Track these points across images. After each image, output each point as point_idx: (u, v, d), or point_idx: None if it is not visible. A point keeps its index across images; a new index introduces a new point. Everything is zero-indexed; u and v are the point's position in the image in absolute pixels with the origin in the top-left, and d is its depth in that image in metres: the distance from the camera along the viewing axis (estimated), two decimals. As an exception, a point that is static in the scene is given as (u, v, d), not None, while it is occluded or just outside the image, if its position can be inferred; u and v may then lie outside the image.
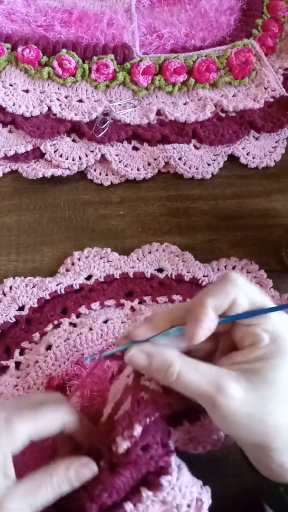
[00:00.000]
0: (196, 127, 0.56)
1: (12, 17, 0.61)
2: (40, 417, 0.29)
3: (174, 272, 0.48)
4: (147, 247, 0.50)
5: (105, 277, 0.48)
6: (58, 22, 0.60)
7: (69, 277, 0.48)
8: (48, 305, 0.46)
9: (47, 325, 0.45)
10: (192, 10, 0.64)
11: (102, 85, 0.58)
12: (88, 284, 0.48)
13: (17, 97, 0.57)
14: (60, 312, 0.46)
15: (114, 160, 0.55)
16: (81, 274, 0.48)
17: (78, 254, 0.49)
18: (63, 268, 0.49)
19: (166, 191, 0.55)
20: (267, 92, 0.60)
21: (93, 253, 0.49)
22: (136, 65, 0.58)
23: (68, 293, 0.47)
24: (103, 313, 0.46)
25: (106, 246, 0.50)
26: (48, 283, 0.47)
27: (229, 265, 0.50)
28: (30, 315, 0.46)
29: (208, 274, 0.48)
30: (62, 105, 0.57)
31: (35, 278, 0.48)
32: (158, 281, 0.48)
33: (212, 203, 0.54)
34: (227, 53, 0.60)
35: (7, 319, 0.45)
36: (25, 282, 0.47)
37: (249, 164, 0.56)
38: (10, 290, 0.47)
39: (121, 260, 0.49)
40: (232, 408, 0.25)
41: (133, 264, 0.49)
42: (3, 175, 0.54)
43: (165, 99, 0.59)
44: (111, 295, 0.47)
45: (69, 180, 0.55)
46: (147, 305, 0.46)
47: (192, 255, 0.50)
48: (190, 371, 0.27)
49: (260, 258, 0.50)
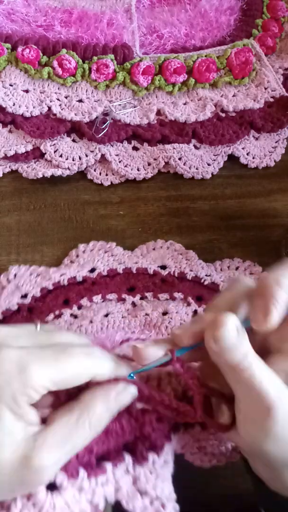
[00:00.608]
0: (196, 127, 0.56)
1: (12, 17, 0.61)
2: (63, 366, 0.24)
3: (177, 269, 0.48)
4: (152, 243, 0.50)
5: (108, 271, 0.48)
6: (58, 22, 0.60)
7: (73, 268, 0.48)
8: (50, 295, 0.47)
9: (49, 315, 0.45)
10: (192, 10, 0.64)
11: (102, 85, 0.58)
12: (91, 277, 0.48)
13: (17, 97, 0.57)
14: (62, 302, 0.46)
15: (114, 160, 0.55)
16: (84, 267, 0.48)
17: (83, 246, 0.50)
18: (68, 260, 0.49)
19: (166, 191, 0.55)
20: (267, 92, 0.60)
21: (98, 246, 0.50)
22: (136, 65, 0.58)
23: (71, 284, 0.47)
24: (104, 306, 0.46)
25: (106, 246, 0.50)
26: (52, 274, 0.47)
27: (232, 265, 0.50)
28: (33, 303, 0.46)
29: (211, 274, 0.48)
30: (62, 105, 0.57)
31: (40, 268, 0.48)
32: (161, 278, 0.48)
33: (212, 203, 0.54)
34: (227, 53, 0.60)
35: (9, 306, 0.46)
36: (30, 271, 0.48)
37: (249, 164, 0.56)
38: (14, 277, 0.47)
39: (125, 255, 0.50)
40: (285, 421, 0.23)
41: (136, 260, 0.49)
42: (3, 175, 0.54)
43: (165, 99, 0.59)
44: (113, 289, 0.47)
45: (69, 180, 0.55)
46: (148, 301, 0.47)
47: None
48: (262, 366, 0.25)
49: (260, 258, 0.50)
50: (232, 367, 0.25)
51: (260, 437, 0.24)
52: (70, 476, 0.25)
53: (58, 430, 0.24)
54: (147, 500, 0.26)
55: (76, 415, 0.24)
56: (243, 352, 0.25)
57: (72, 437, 0.24)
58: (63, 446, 0.23)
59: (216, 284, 0.48)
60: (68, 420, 0.24)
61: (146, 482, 0.27)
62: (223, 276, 0.48)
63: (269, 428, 0.24)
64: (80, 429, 0.24)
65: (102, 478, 0.26)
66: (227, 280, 0.46)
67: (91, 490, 0.25)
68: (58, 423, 0.24)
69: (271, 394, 0.24)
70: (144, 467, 0.27)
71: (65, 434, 0.24)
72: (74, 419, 0.24)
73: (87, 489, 0.25)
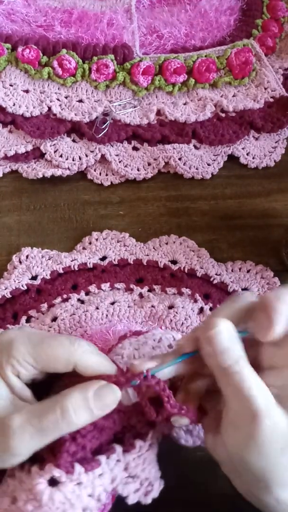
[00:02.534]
0: (196, 127, 0.57)
1: (12, 17, 0.61)
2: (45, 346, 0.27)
3: (187, 266, 0.49)
4: (165, 238, 0.51)
5: (119, 261, 0.49)
6: (58, 22, 0.60)
7: (85, 255, 0.49)
8: (60, 278, 0.48)
9: (56, 298, 0.46)
10: (192, 10, 0.64)
11: (102, 85, 0.58)
12: (102, 264, 0.49)
13: (17, 97, 0.57)
14: (71, 287, 0.47)
15: (114, 160, 0.55)
16: (96, 254, 0.49)
17: (97, 234, 0.51)
18: (80, 246, 0.50)
19: (166, 191, 0.55)
20: (267, 92, 0.60)
21: (111, 235, 0.51)
22: (136, 65, 0.58)
23: (81, 270, 0.48)
24: (111, 294, 0.47)
25: (106, 246, 0.50)
26: (64, 258, 0.48)
27: (243, 268, 0.50)
28: (42, 285, 0.47)
29: (221, 273, 0.49)
30: (62, 105, 0.57)
31: (52, 251, 0.49)
32: (170, 272, 0.49)
33: (212, 203, 0.54)
34: (227, 53, 0.60)
35: (19, 286, 0.47)
36: (42, 254, 0.49)
37: (249, 164, 0.56)
38: (26, 258, 0.49)
39: (137, 247, 0.50)
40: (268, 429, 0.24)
41: (148, 252, 0.50)
42: (3, 175, 0.54)
43: (165, 99, 0.59)
44: (122, 278, 0.48)
45: (69, 180, 0.55)
46: (156, 294, 0.47)
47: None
48: (253, 373, 0.25)
49: (260, 258, 0.50)
50: (223, 369, 0.25)
51: (243, 444, 0.25)
52: (67, 472, 0.26)
53: (35, 407, 0.26)
54: (138, 482, 0.28)
55: (53, 399, 0.26)
56: (235, 357, 0.25)
57: (42, 416, 0.25)
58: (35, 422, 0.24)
59: (225, 284, 0.48)
60: (45, 402, 0.26)
61: (135, 467, 0.28)
62: (233, 277, 0.48)
63: (253, 435, 0.24)
64: (51, 412, 0.25)
65: (98, 471, 0.27)
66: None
67: (90, 483, 0.26)
68: (38, 403, 0.26)
69: (258, 401, 0.24)
70: (133, 453, 0.28)
71: (38, 411, 0.25)
72: (50, 402, 0.25)
73: (86, 483, 0.26)
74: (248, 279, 0.48)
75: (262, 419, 0.24)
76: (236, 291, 0.48)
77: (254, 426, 0.24)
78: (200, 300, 0.46)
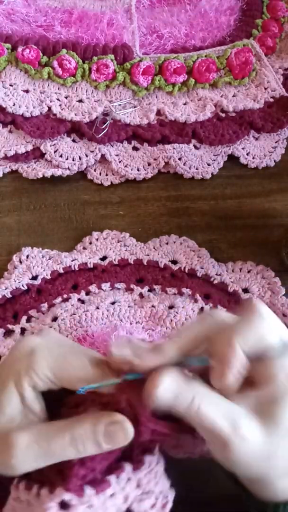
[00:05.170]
0: (196, 127, 0.57)
1: (12, 17, 0.61)
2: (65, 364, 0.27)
3: (188, 266, 0.49)
4: (165, 238, 0.51)
5: (119, 261, 0.49)
6: (58, 22, 0.60)
7: (85, 255, 0.49)
8: (60, 278, 0.48)
9: (56, 298, 0.46)
10: (192, 10, 0.64)
11: (102, 85, 0.58)
12: (102, 264, 0.49)
13: (17, 97, 0.57)
14: (71, 287, 0.47)
15: (114, 160, 0.55)
16: (96, 254, 0.49)
17: (97, 234, 0.51)
18: (80, 246, 0.50)
19: (166, 191, 0.55)
20: (267, 92, 0.60)
21: (112, 235, 0.51)
22: (136, 65, 0.58)
23: (81, 270, 0.48)
24: (112, 294, 0.47)
25: (106, 246, 0.50)
26: (64, 258, 0.48)
27: (244, 268, 0.50)
28: (42, 285, 0.47)
29: (222, 273, 0.49)
30: (62, 105, 0.57)
31: (52, 251, 0.49)
32: (171, 272, 0.49)
33: (212, 203, 0.54)
34: (227, 53, 0.60)
35: (19, 285, 0.47)
36: (42, 254, 0.49)
37: (249, 164, 0.56)
38: (26, 258, 0.49)
39: (137, 247, 0.50)
40: (242, 449, 0.24)
41: (148, 252, 0.50)
42: (3, 175, 0.54)
43: (165, 99, 0.59)
44: (122, 278, 0.48)
45: (69, 180, 0.55)
46: (156, 294, 0.47)
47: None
48: (211, 406, 0.25)
49: (260, 258, 0.50)
50: (183, 414, 0.25)
51: (226, 464, 0.26)
52: (77, 495, 0.25)
53: (43, 429, 0.25)
54: (153, 497, 0.28)
55: (63, 424, 0.25)
56: (187, 401, 0.25)
57: (50, 440, 0.24)
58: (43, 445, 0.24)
59: (225, 284, 0.48)
60: (55, 424, 0.25)
61: (148, 482, 0.28)
62: (233, 277, 0.48)
63: (229, 458, 0.25)
64: (60, 437, 0.24)
65: (109, 491, 0.26)
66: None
67: (101, 505, 0.26)
68: (47, 424, 0.26)
69: (225, 431, 0.24)
70: (143, 470, 0.28)
71: (46, 434, 0.25)
72: (60, 425, 0.25)
73: (98, 504, 0.26)
74: (248, 279, 0.48)
75: (232, 444, 0.24)
76: (236, 291, 0.48)
77: (228, 452, 0.25)
78: (201, 300, 0.46)
